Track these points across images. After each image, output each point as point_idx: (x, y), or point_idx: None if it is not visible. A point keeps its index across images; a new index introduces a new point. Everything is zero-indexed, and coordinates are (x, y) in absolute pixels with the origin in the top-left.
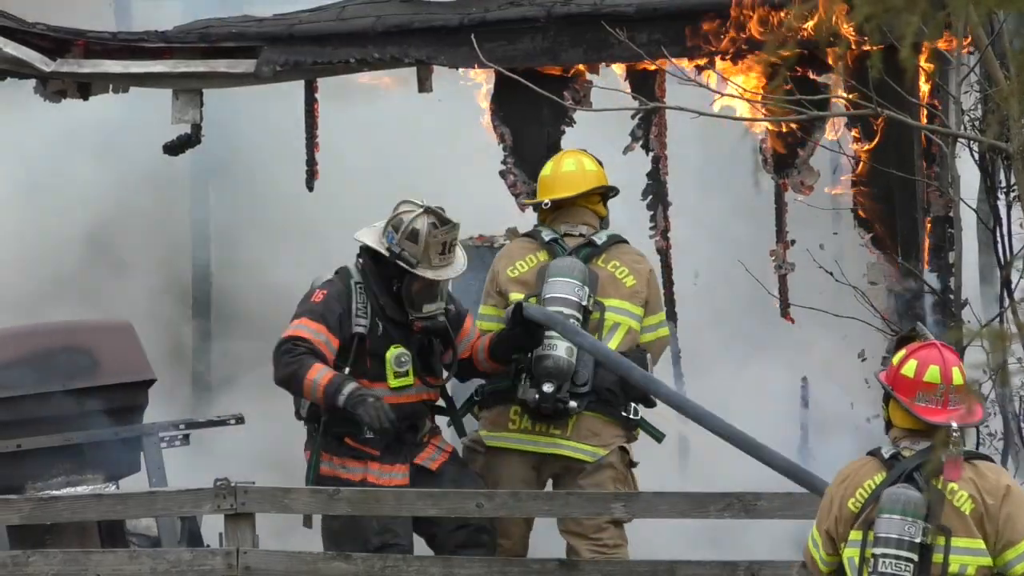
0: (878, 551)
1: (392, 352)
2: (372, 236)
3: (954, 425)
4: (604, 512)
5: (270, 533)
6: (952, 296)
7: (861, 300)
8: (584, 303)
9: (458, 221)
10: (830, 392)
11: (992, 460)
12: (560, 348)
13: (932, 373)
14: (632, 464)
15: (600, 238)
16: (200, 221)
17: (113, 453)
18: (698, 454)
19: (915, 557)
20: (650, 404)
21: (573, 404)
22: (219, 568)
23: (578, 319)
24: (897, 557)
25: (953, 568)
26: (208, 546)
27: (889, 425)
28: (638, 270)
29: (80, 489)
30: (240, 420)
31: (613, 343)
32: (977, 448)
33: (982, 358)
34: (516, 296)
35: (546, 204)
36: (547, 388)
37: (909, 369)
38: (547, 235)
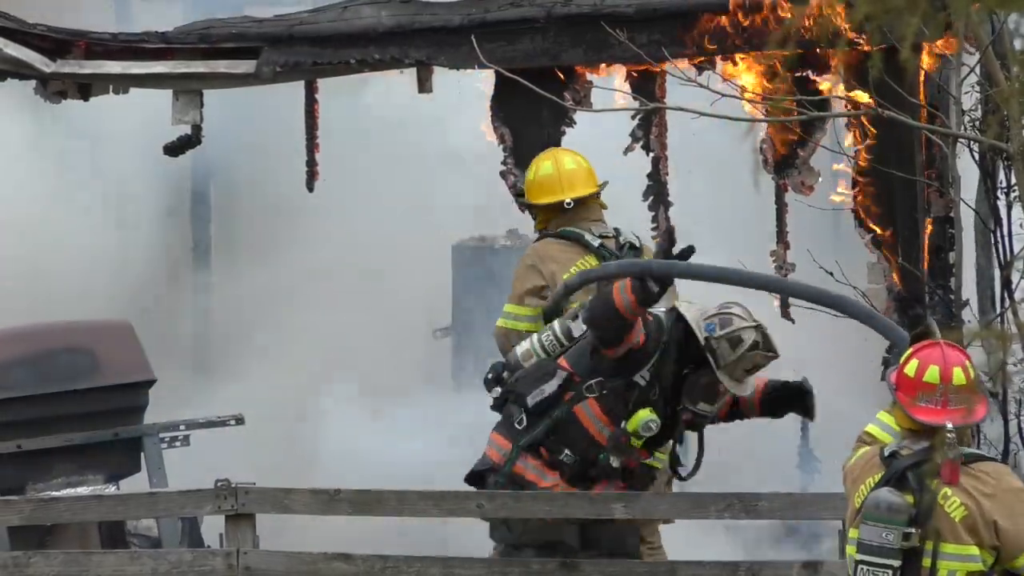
0: (858, 557)
1: (645, 414)
2: (692, 314)
3: (949, 426)
4: (604, 513)
5: (271, 533)
6: (952, 296)
7: (861, 300)
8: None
9: (777, 355)
10: (830, 392)
11: (997, 461)
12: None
13: (931, 373)
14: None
15: (634, 239)
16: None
17: (113, 454)
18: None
19: (895, 563)
20: None
21: None
22: (219, 568)
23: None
24: (872, 564)
25: (941, 573)
26: (209, 547)
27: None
28: None
29: (81, 490)
30: (240, 420)
31: None
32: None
33: (982, 359)
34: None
35: (569, 203)
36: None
37: (911, 369)
38: (590, 238)
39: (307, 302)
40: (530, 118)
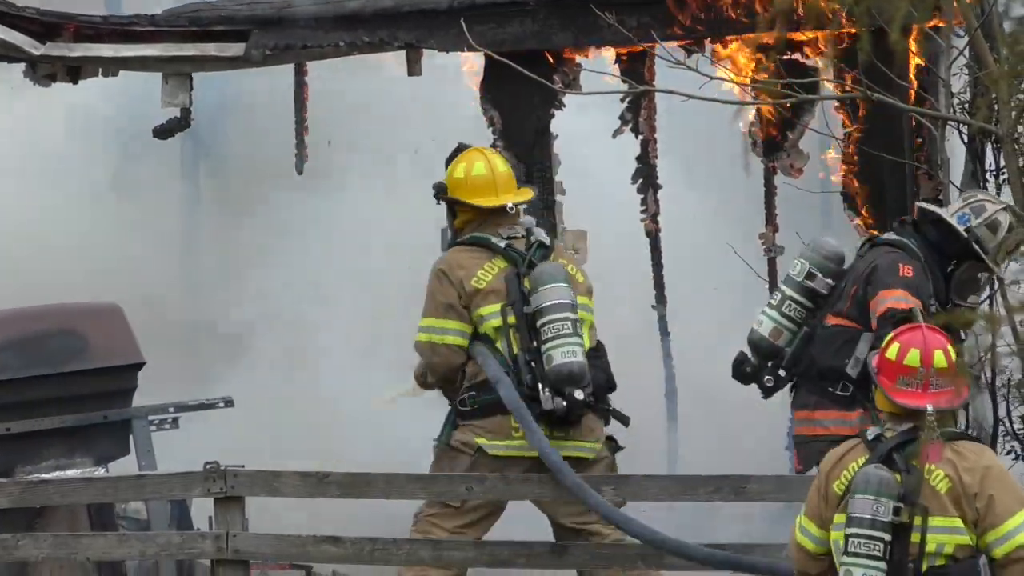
0: (849, 531)
1: None
2: (944, 213)
3: (929, 409)
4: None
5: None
6: None
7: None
8: (574, 300)
9: None
10: None
11: (978, 440)
12: (579, 354)
13: (912, 357)
14: (618, 448)
15: (542, 237)
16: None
17: (103, 436)
18: (687, 436)
19: (886, 536)
20: (613, 390)
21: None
22: (209, 551)
23: (578, 321)
24: (867, 537)
25: (930, 547)
26: (198, 529)
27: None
28: (578, 263)
29: (70, 472)
30: (229, 403)
31: (587, 340)
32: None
33: (970, 341)
34: (490, 309)
35: (511, 208)
36: (579, 395)
37: (892, 352)
38: (497, 240)
39: (298, 288)
40: (519, 101)
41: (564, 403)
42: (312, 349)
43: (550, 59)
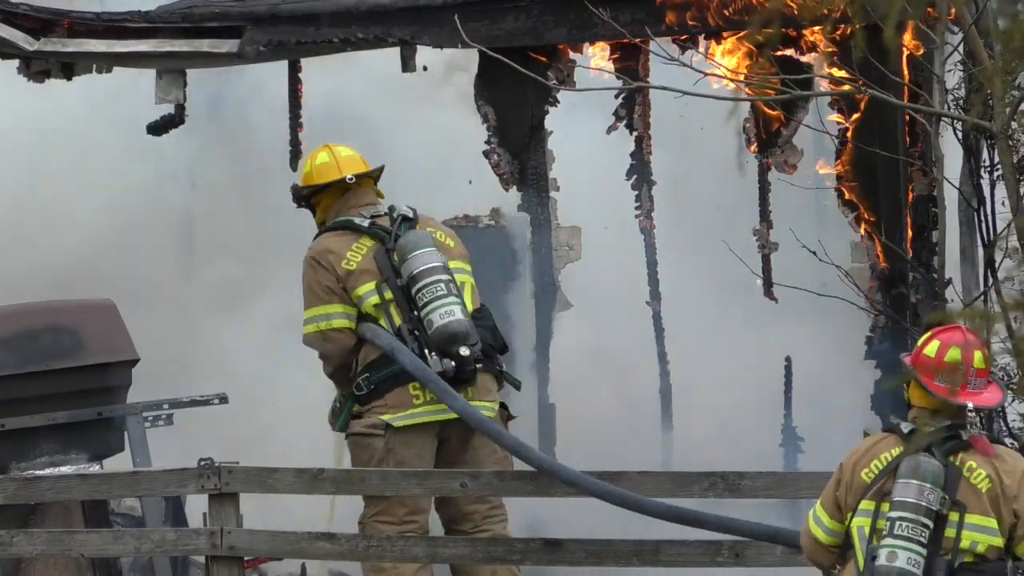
0: (895, 514)
1: None
2: None
3: (970, 405)
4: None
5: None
6: (935, 275)
7: (845, 279)
8: (448, 267)
9: None
10: (814, 371)
11: (1008, 446)
12: (457, 312)
13: (953, 354)
14: (509, 418)
15: (406, 211)
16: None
17: (97, 433)
18: (682, 433)
19: (931, 524)
20: (505, 351)
21: (479, 364)
22: (203, 547)
23: (453, 283)
24: (914, 521)
25: (964, 544)
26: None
27: (909, 405)
28: (448, 230)
29: (64, 469)
30: (223, 399)
31: (469, 301)
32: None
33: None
34: (366, 288)
35: (351, 179)
36: (465, 351)
37: (931, 350)
38: (359, 220)
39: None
40: (514, 98)
41: (452, 363)
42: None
43: (543, 59)
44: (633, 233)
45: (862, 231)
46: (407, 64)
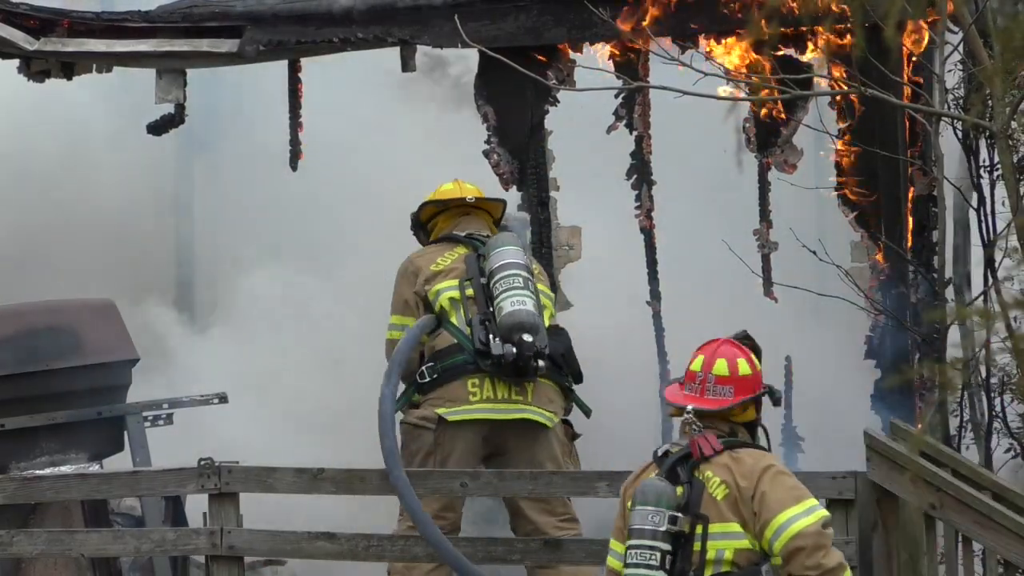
0: (630, 543)
1: None
2: None
3: (689, 408)
4: (588, 492)
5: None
6: (935, 275)
7: (845, 279)
8: (531, 266)
9: None
10: (814, 371)
11: (764, 449)
12: (529, 303)
13: (696, 362)
14: (575, 436)
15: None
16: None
17: (97, 432)
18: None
19: (663, 546)
20: (580, 380)
21: (541, 363)
22: (203, 547)
23: (534, 283)
24: (643, 547)
25: (710, 555)
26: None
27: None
28: (540, 267)
29: (64, 469)
30: (223, 399)
31: (547, 318)
32: (960, 434)
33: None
34: (447, 283)
35: (471, 199)
36: (527, 338)
37: (689, 361)
38: (460, 233)
39: (291, 280)
40: (513, 97)
41: (513, 349)
42: (310, 337)
43: (541, 58)
44: (633, 233)
45: (860, 229)
46: (407, 64)
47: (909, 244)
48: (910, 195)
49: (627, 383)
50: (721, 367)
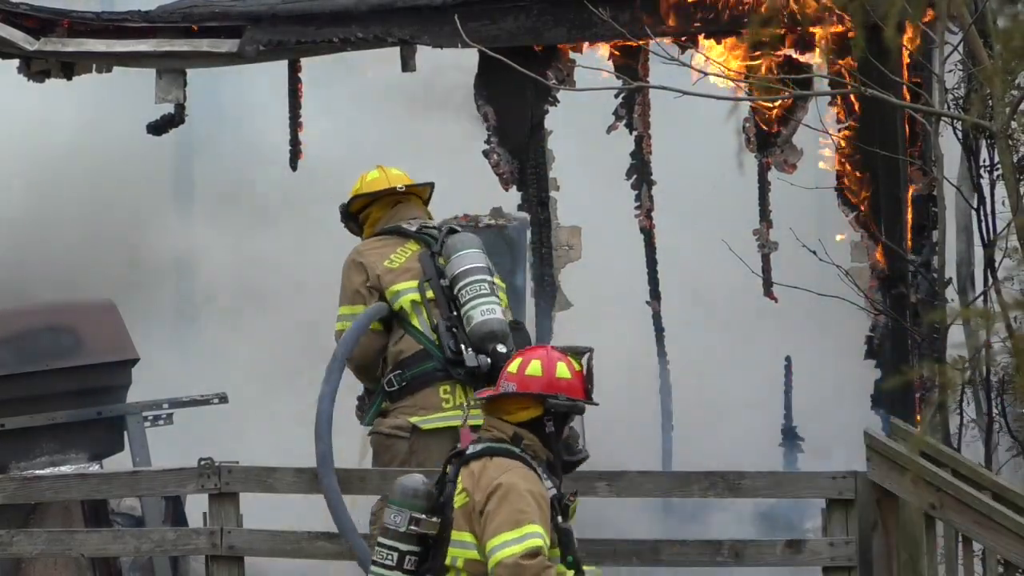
0: (378, 540)
1: None
2: None
3: (474, 394)
4: (588, 491)
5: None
6: (935, 275)
7: (845, 279)
8: (492, 268)
9: None
10: (814, 371)
11: (518, 460)
12: (498, 311)
13: (514, 364)
14: None
15: (454, 226)
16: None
17: (97, 432)
18: (682, 433)
19: (402, 546)
20: None
21: None
22: (203, 547)
23: (497, 286)
24: (384, 546)
25: (447, 560)
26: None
27: None
28: None
29: (64, 468)
30: (224, 399)
31: (507, 314)
32: (960, 433)
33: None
34: (405, 284)
35: (401, 188)
36: (501, 349)
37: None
38: (408, 226)
39: (290, 278)
40: (513, 97)
41: (488, 359)
42: (309, 339)
43: (544, 55)
44: (633, 233)
45: (860, 228)
46: (407, 64)
47: (909, 244)
48: (910, 195)
49: (627, 383)
50: (515, 364)
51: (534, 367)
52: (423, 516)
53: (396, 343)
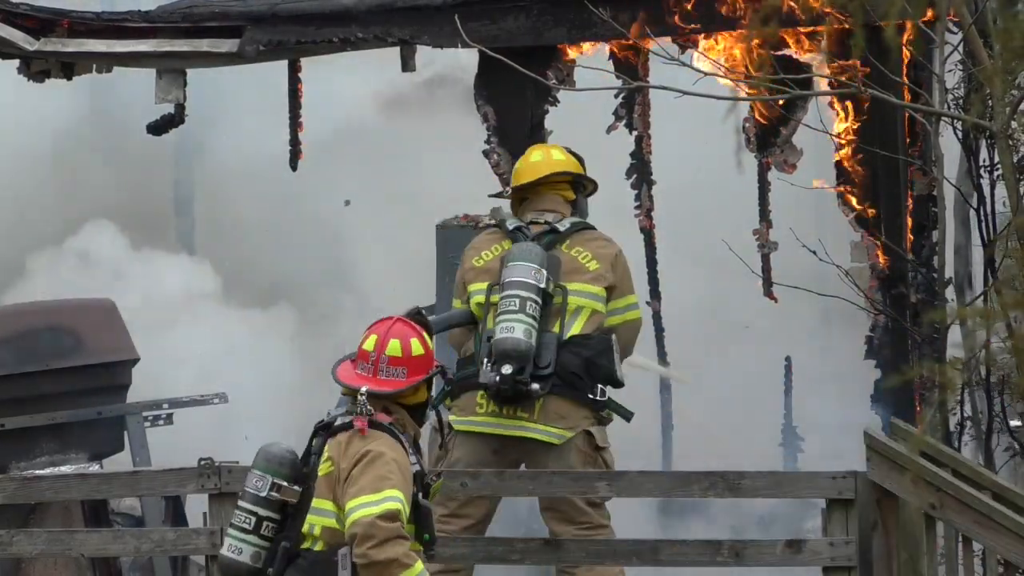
0: (238, 504)
1: None
2: None
3: (363, 389)
4: (588, 491)
5: None
6: (935, 275)
7: (845, 279)
8: (543, 286)
9: None
10: (814, 371)
11: (391, 435)
12: (518, 330)
13: (369, 341)
14: (598, 448)
15: (563, 225)
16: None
17: (97, 432)
18: (682, 433)
19: (262, 511)
20: (617, 384)
21: (536, 387)
22: (203, 547)
23: (536, 302)
24: (242, 509)
25: (305, 528)
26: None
27: None
28: (602, 254)
29: (64, 468)
30: (223, 399)
31: (576, 326)
32: (961, 432)
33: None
34: (478, 286)
35: (507, 192)
36: (506, 370)
37: (361, 338)
38: (511, 224)
39: (292, 280)
40: (513, 97)
41: (496, 377)
42: (310, 339)
43: (544, 55)
44: (633, 233)
45: (860, 229)
46: (407, 64)
47: (909, 244)
48: (910, 195)
49: (627, 383)
50: (395, 348)
51: (417, 347)
52: (284, 483)
53: (468, 340)
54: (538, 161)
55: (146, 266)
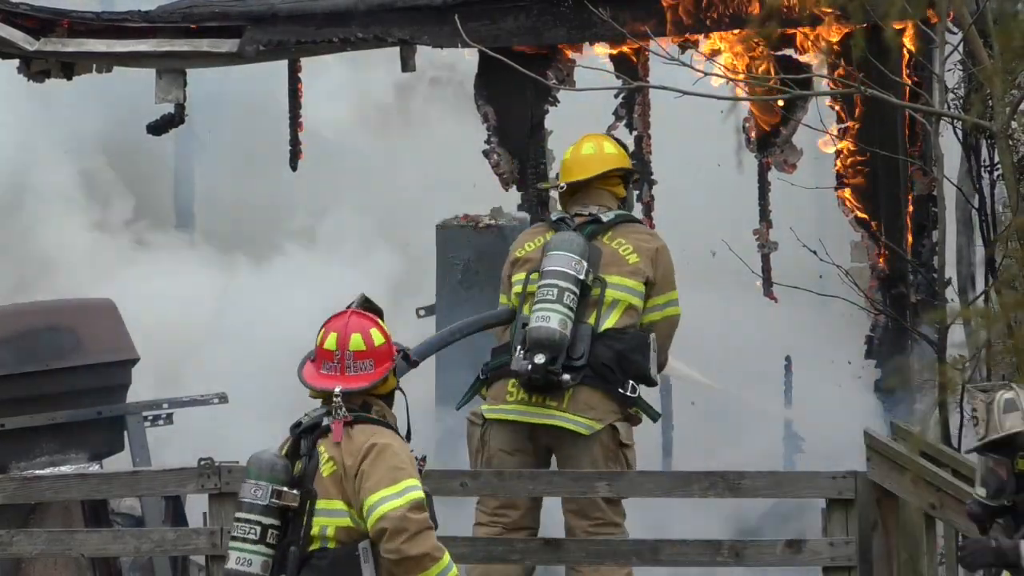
0: (236, 515)
1: None
2: None
3: (337, 390)
4: (588, 491)
5: None
6: (935, 275)
7: (845, 279)
8: (582, 277)
9: None
10: (814, 371)
11: (384, 425)
12: (553, 320)
13: (330, 340)
14: (623, 445)
15: (607, 216)
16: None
17: (97, 432)
18: (682, 433)
19: (264, 520)
20: (650, 383)
21: (567, 377)
22: (203, 547)
23: (574, 293)
24: (244, 520)
25: (315, 530)
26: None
27: None
28: (644, 248)
29: (64, 468)
30: (223, 399)
31: (612, 319)
32: (960, 431)
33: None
34: (519, 276)
35: (561, 187)
36: (539, 359)
37: (319, 338)
38: (555, 215)
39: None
40: (513, 97)
41: (528, 365)
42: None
43: (544, 55)
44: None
45: (860, 229)
46: (407, 64)
47: (909, 244)
48: (910, 195)
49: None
50: (357, 342)
51: (377, 337)
52: (284, 489)
53: (507, 330)
54: (590, 155)
55: (146, 266)
